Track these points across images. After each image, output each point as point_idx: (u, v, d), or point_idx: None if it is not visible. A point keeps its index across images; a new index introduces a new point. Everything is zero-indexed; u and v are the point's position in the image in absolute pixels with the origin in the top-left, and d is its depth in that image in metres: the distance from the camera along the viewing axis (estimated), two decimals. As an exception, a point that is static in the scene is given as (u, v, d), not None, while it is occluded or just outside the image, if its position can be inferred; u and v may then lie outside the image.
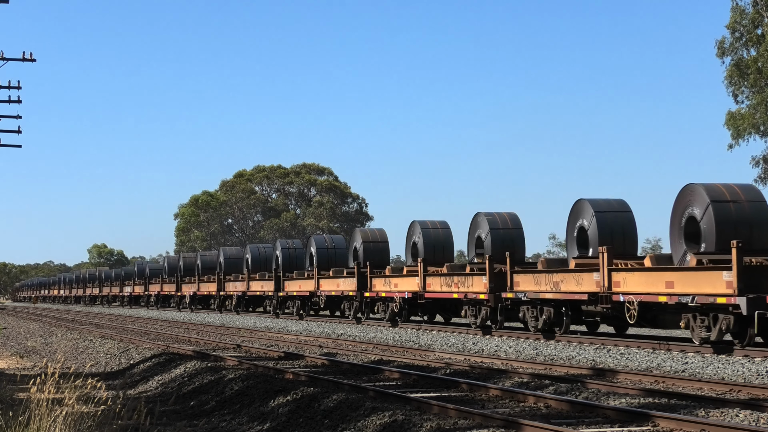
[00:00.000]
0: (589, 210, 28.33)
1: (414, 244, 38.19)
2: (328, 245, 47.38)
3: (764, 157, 56.11)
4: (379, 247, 43.27)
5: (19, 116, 36.91)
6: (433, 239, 37.51)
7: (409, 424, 11.94)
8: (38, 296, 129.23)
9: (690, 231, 24.32)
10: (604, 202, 28.73)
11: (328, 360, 21.46)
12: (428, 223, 38.17)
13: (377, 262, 41.23)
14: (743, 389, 15.35)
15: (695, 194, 24.39)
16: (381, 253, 43.02)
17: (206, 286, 60.74)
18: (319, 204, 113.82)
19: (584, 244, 28.54)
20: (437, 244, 37.63)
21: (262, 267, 53.79)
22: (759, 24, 53.24)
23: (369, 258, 41.16)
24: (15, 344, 34.86)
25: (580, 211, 28.85)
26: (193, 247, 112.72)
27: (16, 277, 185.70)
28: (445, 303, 35.06)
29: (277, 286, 47.96)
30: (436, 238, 37.72)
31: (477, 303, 31.10)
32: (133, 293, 79.22)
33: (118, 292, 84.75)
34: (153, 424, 13.86)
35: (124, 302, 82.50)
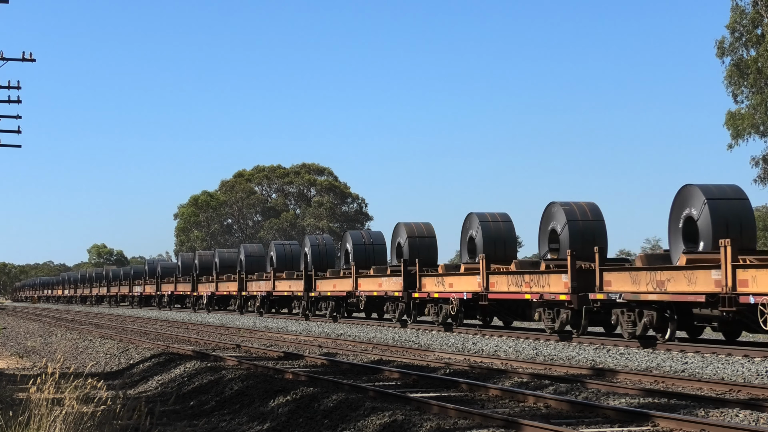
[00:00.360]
0: (700, 197, 24.46)
1: (471, 238, 34.19)
2: (365, 241, 43.73)
3: (764, 157, 56.12)
4: (426, 243, 39.36)
5: (19, 116, 36.94)
6: (494, 233, 33.58)
7: (409, 424, 11.94)
8: (41, 296, 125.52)
9: None
10: (716, 188, 24.89)
11: (328, 360, 21.46)
12: (487, 216, 34.30)
13: (425, 259, 37.60)
14: (743, 389, 15.35)
15: None
16: (428, 250, 39.42)
17: (226, 285, 57.10)
18: (319, 204, 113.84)
19: (692, 237, 24.64)
20: (498, 238, 33.96)
21: (288, 265, 50.64)
22: (759, 24, 53.25)
23: (415, 254, 37.94)
24: (15, 344, 34.86)
25: (688, 198, 24.92)
26: (192, 247, 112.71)
27: (16, 277, 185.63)
28: (512, 305, 31.33)
29: (308, 285, 44.40)
30: (497, 232, 34.05)
31: (555, 305, 27.29)
32: (143, 293, 75.75)
33: (128, 291, 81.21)
34: (153, 424, 13.85)
35: (133, 302, 79.24)
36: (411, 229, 39.19)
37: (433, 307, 34.33)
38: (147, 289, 74.99)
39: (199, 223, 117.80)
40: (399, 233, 39.28)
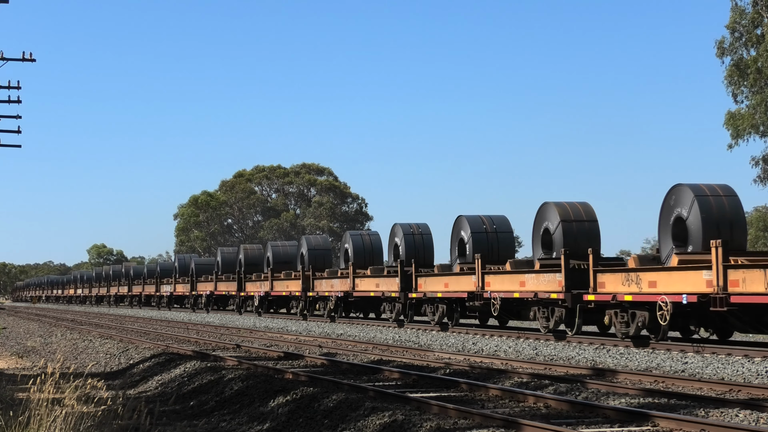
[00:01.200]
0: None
1: (546, 230, 29.53)
2: (414, 232, 39.72)
3: (764, 157, 56.14)
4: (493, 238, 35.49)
5: (19, 116, 36.95)
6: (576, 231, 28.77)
7: (409, 424, 11.94)
8: (49, 296, 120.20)
9: None
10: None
11: (328, 360, 21.46)
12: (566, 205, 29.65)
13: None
14: (743, 389, 15.35)
15: None
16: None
17: (282, 284, 48.57)
18: (319, 204, 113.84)
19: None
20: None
21: (368, 259, 42.86)
22: (759, 24, 53.26)
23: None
24: (15, 344, 34.86)
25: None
26: (192, 247, 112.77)
27: (16, 276, 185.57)
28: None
29: (406, 284, 36.35)
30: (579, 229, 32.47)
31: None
32: (174, 293, 68.37)
33: (154, 291, 74.23)
34: (153, 424, 13.86)
35: (161, 303, 72.28)
36: (477, 224, 36.24)
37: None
38: (178, 288, 67.81)
39: (199, 223, 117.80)
40: (462, 227, 35.52)
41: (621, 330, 24.64)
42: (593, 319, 27.14)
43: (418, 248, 39.27)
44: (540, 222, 29.72)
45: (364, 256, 43.35)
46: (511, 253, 34.38)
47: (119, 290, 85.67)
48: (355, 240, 43.87)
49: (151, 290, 75.53)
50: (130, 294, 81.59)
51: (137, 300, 79.56)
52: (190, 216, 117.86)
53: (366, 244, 43.95)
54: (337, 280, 42.34)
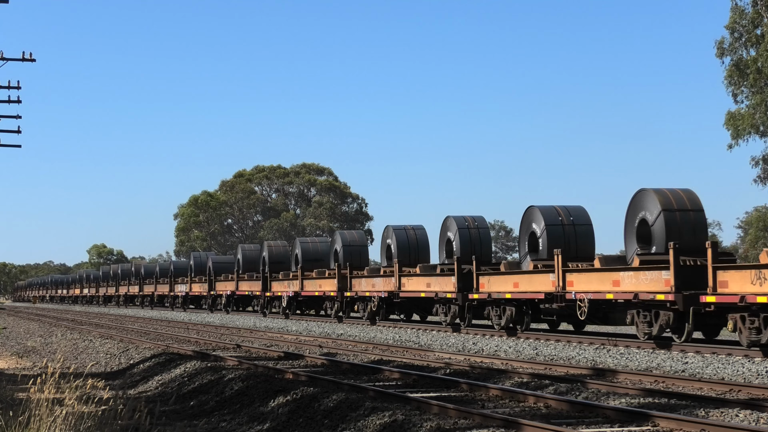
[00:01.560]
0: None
1: (643, 220, 26.43)
2: (470, 225, 35.92)
3: (764, 157, 56.12)
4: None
5: (18, 116, 36.98)
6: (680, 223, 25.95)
7: (409, 424, 11.94)
8: (53, 296, 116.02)
9: None
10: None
11: (328, 360, 21.47)
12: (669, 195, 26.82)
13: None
14: (743, 389, 15.35)
15: None
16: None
17: (314, 284, 44.50)
18: (319, 204, 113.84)
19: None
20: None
21: (413, 256, 39.10)
22: (758, 24, 53.25)
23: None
24: (15, 344, 34.86)
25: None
26: (192, 247, 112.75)
27: (16, 276, 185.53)
28: None
29: (465, 284, 32.49)
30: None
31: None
32: (190, 293, 64.20)
33: (167, 291, 69.76)
34: (153, 424, 13.86)
35: (176, 304, 68.32)
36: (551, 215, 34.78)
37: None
38: (195, 288, 63.74)
39: (199, 223, 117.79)
40: (533, 218, 31.69)
41: (750, 337, 21.39)
42: (709, 323, 24.10)
43: (475, 244, 35.16)
44: (634, 212, 26.42)
45: (409, 252, 38.94)
46: (592, 248, 30.37)
47: (129, 290, 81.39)
48: (399, 235, 39.25)
49: (164, 290, 71.28)
50: (142, 294, 77.48)
51: (149, 300, 75.23)
52: (190, 216, 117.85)
53: (411, 240, 39.36)
54: (379, 279, 38.01)
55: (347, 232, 45.49)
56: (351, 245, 43.88)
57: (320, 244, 48.68)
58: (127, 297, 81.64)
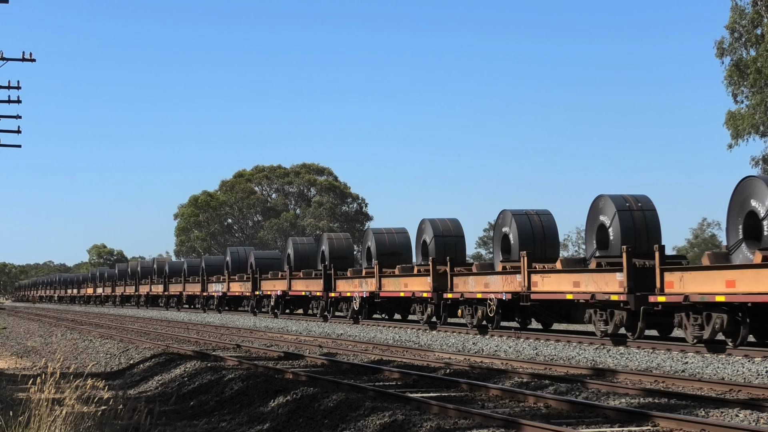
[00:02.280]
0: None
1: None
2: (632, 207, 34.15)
3: (764, 157, 56.12)
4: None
5: (18, 116, 36.99)
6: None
7: (409, 424, 11.95)
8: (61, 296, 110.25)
9: None
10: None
11: (328, 360, 21.47)
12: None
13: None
14: (743, 389, 15.36)
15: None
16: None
17: (396, 282, 37.11)
18: (319, 204, 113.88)
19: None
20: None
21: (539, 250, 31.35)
22: (758, 24, 53.26)
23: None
24: (15, 344, 34.87)
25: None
26: (192, 247, 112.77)
27: (16, 276, 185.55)
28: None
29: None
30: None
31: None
32: (227, 292, 57.34)
33: (199, 291, 62.67)
34: (153, 424, 13.86)
35: (208, 305, 61.35)
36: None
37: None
38: (234, 287, 56.63)
39: (199, 223, 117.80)
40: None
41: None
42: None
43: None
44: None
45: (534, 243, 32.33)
46: None
47: (151, 289, 73.90)
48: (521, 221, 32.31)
49: (194, 289, 64.10)
50: (166, 294, 69.81)
51: (175, 301, 68.06)
52: (190, 216, 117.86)
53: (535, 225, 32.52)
54: (496, 278, 30.84)
55: (439, 220, 36.94)
56: (445, 236, 36.29)
57: (398, 235, 41.33)
58: (149, 297, 74.29)
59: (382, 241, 40.16)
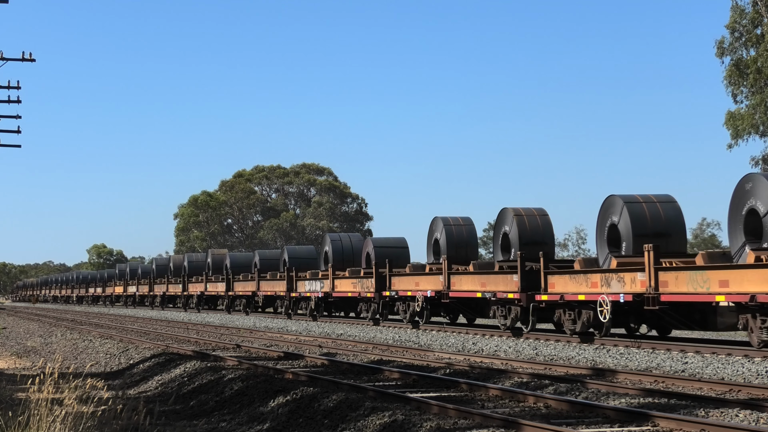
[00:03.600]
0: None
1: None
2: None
3: (764, 157, 56.10)
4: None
5: (18, 116, 36.98)
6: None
7: (409, 424, 11.94)
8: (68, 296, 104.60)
9: None
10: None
11: (328, 360, 21.46)
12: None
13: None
14: (743, 389, 15.35)
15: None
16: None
17: (470, 281, 32.03)
18: (319, 204, 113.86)
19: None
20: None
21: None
22: (758, 24, 53.25)
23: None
24: (15, 344, 34.85)
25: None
26: (192, 247, 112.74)
27: (16, 276, 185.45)
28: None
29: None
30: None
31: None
32: (258, 292, 52.19)
33: (223, 290, 57.34)
34: (153, 424, 13.86)
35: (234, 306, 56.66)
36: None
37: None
38: (265, 287, 51.04)
39: (199, 223, 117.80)
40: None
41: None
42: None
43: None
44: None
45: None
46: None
47: (168, 289, 68.89)
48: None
49: (217, 289, 59.04)
50: (185, 294, 64.85)
51: (202, 301, 61.82)
52: (190, 216, 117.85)
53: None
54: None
55: (523, 209, 32.63)
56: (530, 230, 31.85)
57: (465, 228, 36.61)
58: (165, 298, 69.27)
59: (450, 233, 36.00)
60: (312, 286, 44.89)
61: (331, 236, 46.10)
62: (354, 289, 40.47)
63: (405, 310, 36.11)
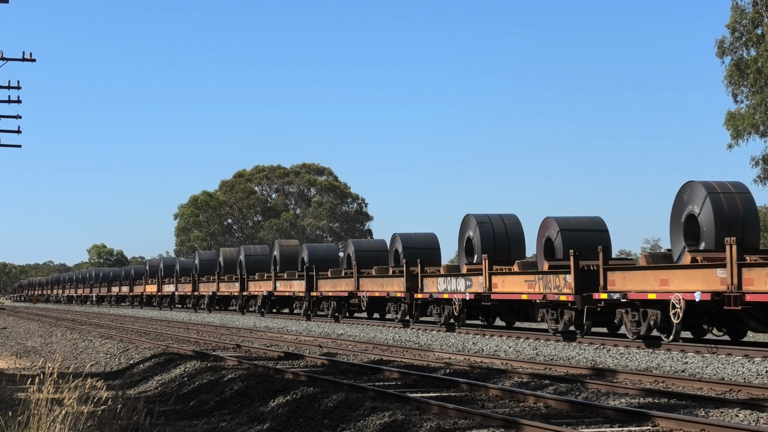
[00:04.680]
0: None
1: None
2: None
3: (764, 157, 56.09)
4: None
5: (19, 116, 36.98)
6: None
7: (409, 424, 11.94)
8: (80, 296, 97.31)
9: None
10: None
11: (328, 360, 21.46)
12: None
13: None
14: (743, 389, 15.35)
15: None
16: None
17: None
18: (319, 204, 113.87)
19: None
20: None
21: None
22: (759, 24, 53.24)
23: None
24: (15, 344, 34.85)
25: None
26: (192, 247, 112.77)
27: (16, 277, 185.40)
28: None
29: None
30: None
31: None
32: (274, 292, 48.83)
33: (270, 288, 49.59)
34: (153, 424, 13.86)
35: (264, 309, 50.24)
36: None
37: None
38: (326, 286, 43.89)
39: (199, 223, 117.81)
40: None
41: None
42: None
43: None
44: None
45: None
46: None
47: (219, 288, 58.10)
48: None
49: (263, 287, 50.93)
50: (245, 294, 53.68)
51: (267, 304, 50.55)
52: (190, 216, 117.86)
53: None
54: None
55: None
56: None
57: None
58: (214, 298, 59.33)
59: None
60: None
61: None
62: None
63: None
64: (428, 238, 39.99)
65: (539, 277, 27.61)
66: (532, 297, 27.74)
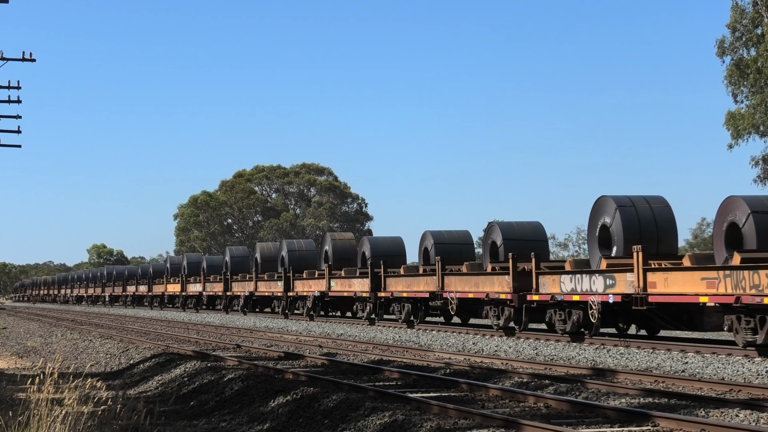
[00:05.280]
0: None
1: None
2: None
3: (764, 158, 56.09)
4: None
5: (19, 116, 36.97)
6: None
7: (409, 424, 11.94)
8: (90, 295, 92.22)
9: None
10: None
11: (328, 360, 21.46)
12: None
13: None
14: (743, 389, 15.35)
15: None
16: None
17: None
18: (319, 204, 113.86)
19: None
20: None
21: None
22: (759, 24, 53.24)
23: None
24: (15, 344, 34.85)
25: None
26: (192, 247, 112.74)
27: (16, 277, 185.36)
28: None
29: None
30: None
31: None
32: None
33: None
34: (153, 424, 13.86)
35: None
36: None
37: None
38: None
39: (199, 223, 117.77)
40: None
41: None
42: None
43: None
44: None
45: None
46: None
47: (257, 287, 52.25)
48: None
49: (313, 287, 45.14)
50: (291, 294, 47.58)
51: (317, 306, 44.95)
52: (190, 216, 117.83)
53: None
54: None
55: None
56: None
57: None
58: (251, 299, 53.41)
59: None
60: None
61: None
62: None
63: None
64: (533, 228, 33.65)
65: (725, 273, 21.75)
66: (716, 300, 21.76)
